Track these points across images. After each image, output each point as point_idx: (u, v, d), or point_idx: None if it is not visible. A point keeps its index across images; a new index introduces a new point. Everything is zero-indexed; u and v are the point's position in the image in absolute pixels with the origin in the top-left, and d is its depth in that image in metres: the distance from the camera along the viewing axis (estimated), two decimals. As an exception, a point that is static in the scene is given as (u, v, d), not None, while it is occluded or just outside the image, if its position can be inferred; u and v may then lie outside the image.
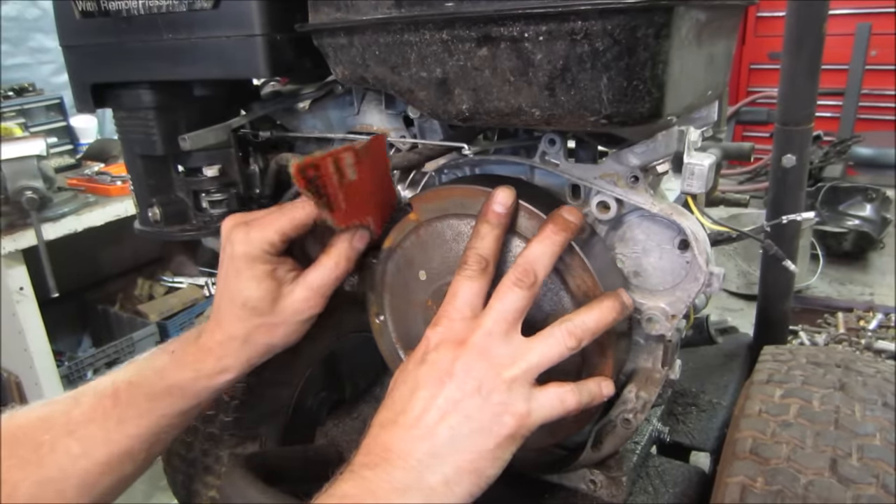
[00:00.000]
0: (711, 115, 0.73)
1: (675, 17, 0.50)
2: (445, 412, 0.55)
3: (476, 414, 0.55)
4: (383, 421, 0.58)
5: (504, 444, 0.56)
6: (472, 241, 0.62)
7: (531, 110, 0.56)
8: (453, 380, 0.56)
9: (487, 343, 0.58)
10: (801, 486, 0.60)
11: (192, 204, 0.83)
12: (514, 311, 0.59)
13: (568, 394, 0.59)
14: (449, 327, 0.60)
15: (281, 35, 0.66)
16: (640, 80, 0.51)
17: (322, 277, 0.71)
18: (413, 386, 0.58)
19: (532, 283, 0.59)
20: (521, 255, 0.61)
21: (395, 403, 0.58)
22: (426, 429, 0.55)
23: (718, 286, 0.66)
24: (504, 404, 0.56)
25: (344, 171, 0.65)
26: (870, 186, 3.33)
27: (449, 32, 0.56)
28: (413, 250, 0.74)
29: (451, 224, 0.71)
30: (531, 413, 0.57)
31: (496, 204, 0.62)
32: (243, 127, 0.82)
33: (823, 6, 1.14)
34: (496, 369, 0.57)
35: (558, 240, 0.61)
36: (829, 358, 0.79)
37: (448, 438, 0.55)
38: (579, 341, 0.59)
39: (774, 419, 0.68)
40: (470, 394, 0.56)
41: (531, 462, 0.82)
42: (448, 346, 0.59)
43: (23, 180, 1.86)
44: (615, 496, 0.77)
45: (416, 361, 0.60)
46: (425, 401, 0.56)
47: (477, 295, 0.61)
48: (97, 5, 0.71)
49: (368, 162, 0.68)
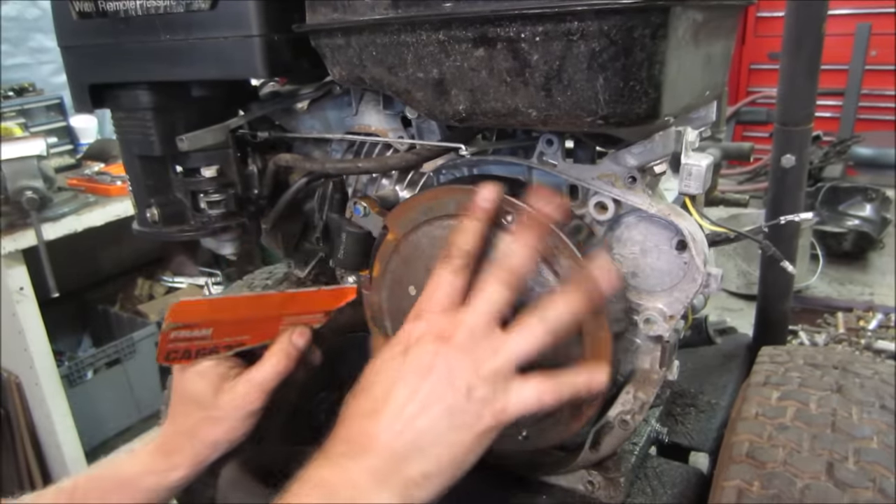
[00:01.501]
0: (709, 116, 0.73)
1: (671, 17, 0.50)
2: (426, 406, 0.56)
3: (457, 409, 0.56)
4: (363, 411, 0.58)
5: (482, 437, 0.57)
6: (456, 236, 0.63)
7: (528, 111, 0.56)
8: (434, 374, 0.57)
9: (468, 339, 0.58)
10: (798, 490, 0.60)
11: (190, 204, 0.83)
12: (495, 308, 0.59)
13: (546, 391, 0.59)
14: (430, 321, 0.60)
15: (278, 35, 0.66)
16: (636, 80, 0.51)
17: (263, 374, 0.76)
18: (394, 378, 0.58)
19: (514, 280, 0.60)
20: (503, 251, 0.61)
21: (375, 394, 0.58)
22: (407, 421, 0.55)
23: (716, 287, 0.65)
24: (483, 400, 0.57)
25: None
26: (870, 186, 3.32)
27: (446, 33, 0.56)
28: (399, 269, 0.75)
29: (425, 231, 0.71)
30: (507, 408, 0.58)
31: (480, 199, 0.63)
32: (241, 127, 0.82)
33: (823, 6, 1.14)
34: (476, 365, 0.57)
35: (539, 234, 0.61)
36: (827, 359, 0.79)
37: (430, 431, 0.55)
38: (554, 331, 0.59)
39: (771, 422, 0.68)
40: (450, 389, 0.56)
41: (529, 463, 0.82)
42: (430, 339, 0.59)
43: (23, 180, 1.86)
44: (613, 497, 0.77)
45: (398, 353, 0.60)
46: (408, 393, 0.57)
47: (458, 289, 0.61)
48: (95, 6, 0.71)
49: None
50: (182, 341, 0.74)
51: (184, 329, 0.73)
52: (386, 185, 0.85)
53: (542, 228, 0.62)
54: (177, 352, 0.75)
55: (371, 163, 0.75)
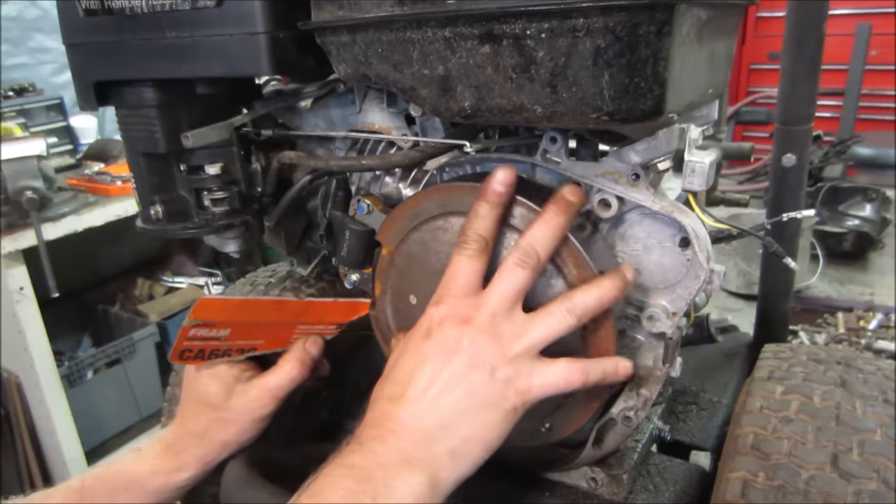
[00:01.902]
0: (712, 114, 0.73)
1: (676, 14, 0.50)
2: (451, 386, 0.57)
3: (481, 389, 0.57)
4: (390, 395, 0.59)
5: (507, 417, 0.58)
6: (471, 221, 0.62)
7: (533, 107, 0.56)
8: (459, 355, 0.57)
9: (491, 321, 0.59)
10: (803, 481, 0.60)
11: (194, 202, 0.83)
12: (516, 290, 0.60)
13: (574, 371, 0.60)
14: (452, 304, 0.60)
15: (284, 33, 0.66)
16: (641, 77, 0.51)
17: (277, 380, 0.77)
18: (419, 360, 0.59)
19: (535, 263, 0.60)
20: (523, 236, 0.61)
21: (401, 377, 0.59)
22: (432, 402, 0.56)
23: (719, 284, 0.66)
24: (507, 380, 0.57)
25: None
26: (870, 186, 3.34)
27: (451, 30, 0.56)
28: (399, 282, 0.75)
29: (415, 239, 0.72)
30: (532, 389, 0.58)
31: (496, 183, 0.62)
32: (245, 125, 0.82)
33: (823, 6, 1.14)
34: (500, 346, 0.58)
35: (561, 221, 0.61)
36: (830, 355, 0.79)
37: (454, 412, 0.56)
38: (580, 318, 0.60)
39: (776, 415, 0.68)
40: (475, 369, 0.57)
41: (533, 459, 0.83)
42: (453, 322, 0.59)
43: (23, 180, 1.86)
44: (616, 494, 0.77)
45: (421, 336, 0.60)
46: (431, 375, 0.57)
47: (477, 274, 0.61)
48: (101, 3, 0.71)
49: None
50: (199, 340, 0.74)
51: (203, 327, 0.73)
52: (390, 183, 0.85)
53: (567, 211, 0.61)
54: (191, 351, 0.75)
55: (375, 160, 0.75)
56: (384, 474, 0.53)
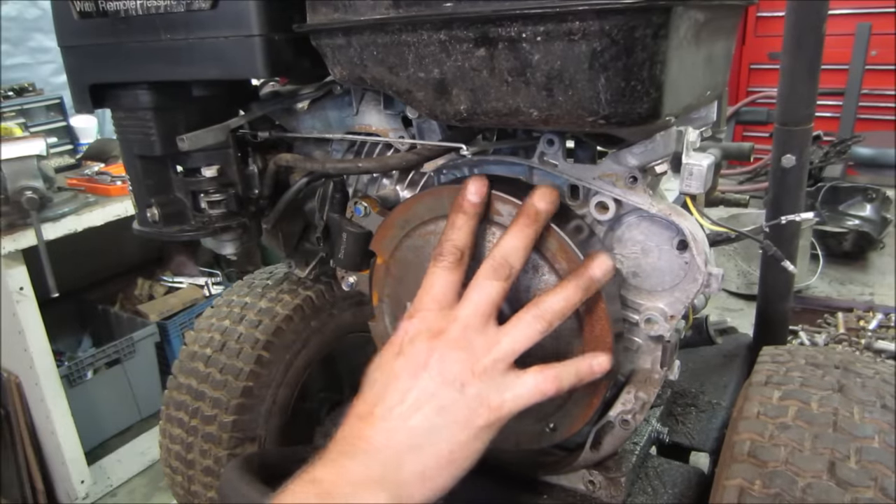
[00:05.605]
0: (710, 116, 0.73)
1: (673, 17, 0.50)
2: (419, 404, 0.56)
3: (451, 406, 0.56)
4: (360, 413, 0.58)
5: (480, 434, 0.57)
6: (447, 233, 0.62)
7: (529, 111, 0.56)
8: (428, 372, 0.57)
9: (463, 335, 0.58)
10: (800, 489, 0.60)
11: (190, 204, 0.82)
12: (489, 303, 0.59)
13: (547, 380, 0.59)
14: (424, 318, 0.60)
15: (279, 35, 0.65)
16: (638, 80, 0.51)
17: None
18: (389, 377, 0.58)
19: (507, 274, 0.60)
20: (495, 247, 0.61)
21: (372, 395, 0.58)
22: (401, 420, 0.55)
23: (717, 287, 0.65)
24: (478, 396, 0.56)
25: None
26: (870, 186, 3.33)
27: (447, 33, 0.56)
28: (394, 291, 0.75)
29: (408, 245, 0.72)
30: (504, 404, 0.57)
31: (470, 193, 0.63)
32: (242, 127, 0.82)
33: (823, 6, 1.14)
34: (471, 361, 0.57)
35: (530, 231, 0.61)
36: (828, 359, 0.79)
37: (424, 430, 0.55)
38: (549, 324, 0.59)
39: (773, 421, 0.68)
40: (444, 386, 0.56)
41: (531, 462, 0.82)
42: (423, 337, 0.59)
43: (23, 180, 1.85)
44: (614, 497, 0.77)
45: (393, 353, 0.60)
46: (401, 393, 0.57)
47: (452, 286, 0.61)
48: (95, 6, 0.71)
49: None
50: None
51: None
52: (387, 185, 0.85)
53: (536, 220, 0.61)
54: None
55: (372, 163, 0.75)
56: (352, 491, 0.52)
